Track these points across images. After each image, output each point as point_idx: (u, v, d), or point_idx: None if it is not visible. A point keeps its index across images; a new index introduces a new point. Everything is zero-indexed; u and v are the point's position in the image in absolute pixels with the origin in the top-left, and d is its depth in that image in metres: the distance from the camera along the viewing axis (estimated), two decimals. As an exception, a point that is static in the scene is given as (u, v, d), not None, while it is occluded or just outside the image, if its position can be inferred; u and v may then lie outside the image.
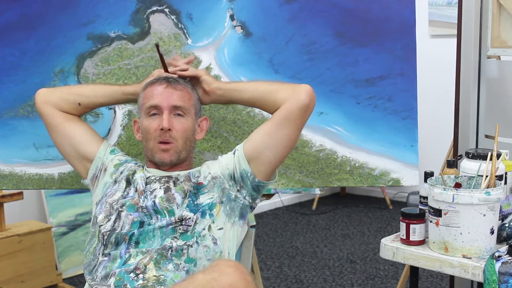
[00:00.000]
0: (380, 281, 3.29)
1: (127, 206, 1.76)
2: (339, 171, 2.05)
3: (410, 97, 2.03)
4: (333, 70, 2.04)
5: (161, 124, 1.76)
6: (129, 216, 1.74)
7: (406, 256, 1.74)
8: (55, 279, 3.14)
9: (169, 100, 1.78)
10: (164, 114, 1.77)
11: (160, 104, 1.78)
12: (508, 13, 2.16)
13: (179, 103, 1.79)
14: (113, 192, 1.81)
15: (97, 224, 1.76)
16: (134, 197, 1.77)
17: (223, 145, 2.05)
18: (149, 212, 1.73)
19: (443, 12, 4.49)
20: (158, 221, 1.72)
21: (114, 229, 1.73)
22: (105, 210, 1.77)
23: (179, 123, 1.79)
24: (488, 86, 2.26)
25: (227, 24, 2.05)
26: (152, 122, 1.79)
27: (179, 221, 1.71)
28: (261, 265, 3.52)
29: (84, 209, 3.43)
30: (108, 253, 1.71)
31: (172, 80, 1.82)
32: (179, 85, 1.82)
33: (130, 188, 1.80)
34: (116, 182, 1.83)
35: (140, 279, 1.64)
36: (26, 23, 2.04)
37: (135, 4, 2.05)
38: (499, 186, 1.69)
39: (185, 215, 1.71)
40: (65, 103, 1.89)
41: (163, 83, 1.81)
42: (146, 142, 1.81)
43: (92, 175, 1.88)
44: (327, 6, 2.02)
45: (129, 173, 1.82)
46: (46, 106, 1.89)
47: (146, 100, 1.81)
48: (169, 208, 1.73)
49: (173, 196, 1.74)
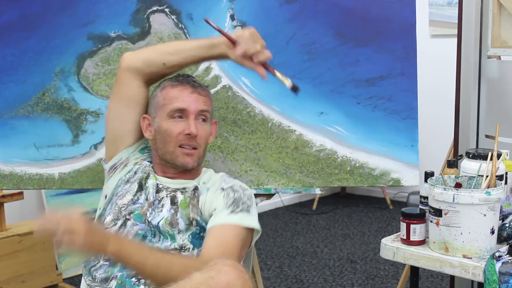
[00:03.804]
0: (381, 281, 3.29)
1: (135, 214, 1.74)
2: (340, 171, 2.05)
3: (411, 97, 2.03)
4: (333, 70, 2.04)
5: (188, 130, 1.74)
6: (134, 226, 1.73)
7: (406, 256, 1.74)
8: (55, 279, 3.14)
9: (197, 105, 1.77)
10: (190, 119, 1.76)
11: (188, 108, 1.76)
12: (508, 13, 2.16)
13: (205, 107, 1.78)
14: (124, 193, 1.79)
15: (104, 225, 1.75)
16: (144, 206, 1.75)
17: (223, 145, 2.05)
18: (154, 229, 1.72)
19: (443, 12, 4.49)
20: (160, 242, 1.70)
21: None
22: (114, 213, 1.76)
23: (203, 129, 1.78)
24: (489, 86, 2.26)
25: (227, 24, 2.05)
26: (176, 125, 1.76)
27: (179, 248, 1.69)
28: (261, 265, 3.52)
29: (84, 209, 3.43)
30: (108, 258, 1.69)
31: (197, 85, 1.80)
32: (203, 91, 1.80)
33: (141, 194, 1.78)
34: (128, 182, 1.81)
35: (141, 284, 1.64)
36: (26, 23, 2.04)
37: (136, 4, 2.05)
38: (499, 186, 1.69)
39: (185, 244, 1.70)
40: (149, 67, 1.83)
41: (187, 87, 1.78)
42: (164, 144, 1.78)
43: (113, 165, 1.87)
44: (328, 6, 2.02)
45: (143, 177, 1.80)
46: (128, 73, 1.84)
47: (169, 102, 1.77)
48: (171, 233, 1.71)
49: (177, 222, 1.72)
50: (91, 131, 2.07)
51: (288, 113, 2.04)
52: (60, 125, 2.07)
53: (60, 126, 2.07)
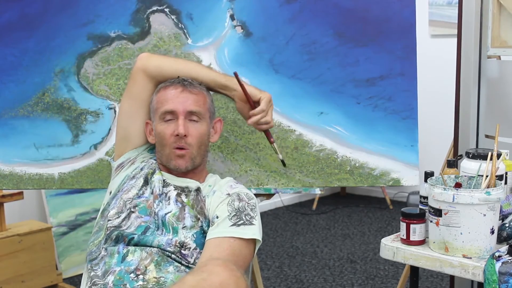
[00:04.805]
0: (380, 281, 3.29)
1: (140, 207, 1.74)
2: (339, 171, 2.05)
3: (410, 97, 2.03)
4: (333, 70, 2.04)
5: (177, 130, 1.75)
6: (138, 218, 1.72)
7: (406, 256, 1.74)
8: (55, 279, 3.14)
9: (185, 105, 1.77)
10: (180, 119, 1.76)
11: (176, 109, 1.76)
12: (508, 13, 2.16)
13: (194, 109, 1.78)
14: (129, 188, 1.79)
15: (107, 218, 1.75)
16: (149, 200, 1.76)
17: (223, 145, 2.05)
18: (158, 221, 1.72)
19: (443, 12, 4.49)
20: (162, 235, 1.70)
21: (119, 226, 1.72)
22: (118, 207, 1.75)
23: (194, 128, 1.78)
24: (488, 86, 2.26)
25: (227, 24, 2.05)
26: (167, 127, 1.77)
27: (179, 246, 1.69)
28: (261, 265, 3.52)
29: (84, 209, 3.43)
30: (106, 247, 1.71)
31: (187, 83, 1.80)
32: (194, 89, 1.80)
33: (146, 188, 1.78)
34: (134, 177, 1.81)
35: (140, 280, 1.63)
36: (26, 23, 2.04)
37: (135, 4, 2.05)
38: (499, 186, 1.69)
39: (187, 243, 1.69)
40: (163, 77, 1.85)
41: (178, 87, 1.79)
42: (161, 147, 1.80)
43: (121, 163, 1.88)
44: (327, 6, 2.02)
45: (149, 172, 1.81)
46: (142, 74, 1.86)
47: (160, 105, 1.79)
48: (175, 226, 1.71)
49: (183, 217, 1.72)
50: (91, 131, 2.07)
51: (288, 113, 2.04)
52: (60, 125, 2.07)
53: (60, 126, 2.07)
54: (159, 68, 1.85)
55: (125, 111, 1.89)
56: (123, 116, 1.90)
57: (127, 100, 1.89)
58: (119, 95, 2.04)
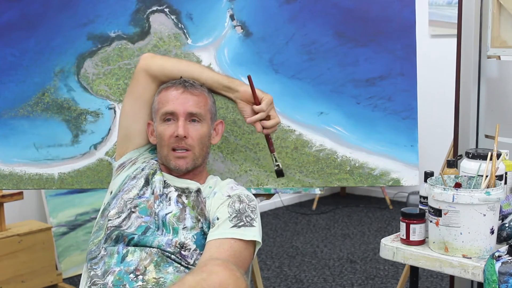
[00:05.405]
0: (380, 281, 3.29)
1: (140, 208, 1.74)
2: (339, 171, 2.05)
3: (410, 97, 2.03)
4: (333, 70, 2.04)
5: (177, 132, 1.75)
6: (139, 219, 1.73)
7: (406, 256, 1.74)
8: (55, 279, 3.14)
9: (185, 107, 1.77)
10: (180, 121, 1.76)
11: (176, 110, 1.77)
12: (508, 13, 2.16)
13: (195, 110, 1.78)
14: (130, 188, 1.79)
15: (107, 218, 1.75)
16: (150, 200, 1.76)
17: (223, 145, 2.05)
18: (158, 222, 1.72)
19: (443, 12, 4.49)
20: (162, 235, 1.70)
21: (119, 226, 1.72)
22: (119, 207, 1.75)
23: (194, 130, 1.78)
24: (488, 86, 2.26)
25: (227, 24, 2.05)
26: (167, 128, 1.78)
27: (179, 247, 1.69)
28: (261, 265, 3.52)
29: (84, 209, 3.43)
30: (105, 247, 1.71)
31: (188, 84, 1.80)
32: (195, 90, 1.80)
33: (147, 188, 1.78)
34: (135, 178, 1.82)
35: (139, 280, 1.63)
36: (26, 23, 2.04)
37: (135, 4, 2.05)
38: (499, 186, 1.69)
39: (187, 244, 1.69)
40: (166, 77, 1.85)
41: (179, 88, 1.79)
42: (161, 148, 1.80)
43: (122, 163, 1.88)
44: (327, 6, 2.02)
45: (150, 172, 1.81)
46: (145, 74, 1.86)
47: (161, 106, 1.79)
48: (175, 226, 1.71)
49: (184, 217, 1.72)
50: (90, 131, 2.07)
51: (288, 113, 2.04)
52: (60, 125, 2.07)
53: (60, 126, 2.07)
54: (161, 68, 1.86)
55: (127, 111, 1.90)
56: (125, 116, 1.90)
57: (129, 100, 1.89)
58: (119, 95, 2.04)
